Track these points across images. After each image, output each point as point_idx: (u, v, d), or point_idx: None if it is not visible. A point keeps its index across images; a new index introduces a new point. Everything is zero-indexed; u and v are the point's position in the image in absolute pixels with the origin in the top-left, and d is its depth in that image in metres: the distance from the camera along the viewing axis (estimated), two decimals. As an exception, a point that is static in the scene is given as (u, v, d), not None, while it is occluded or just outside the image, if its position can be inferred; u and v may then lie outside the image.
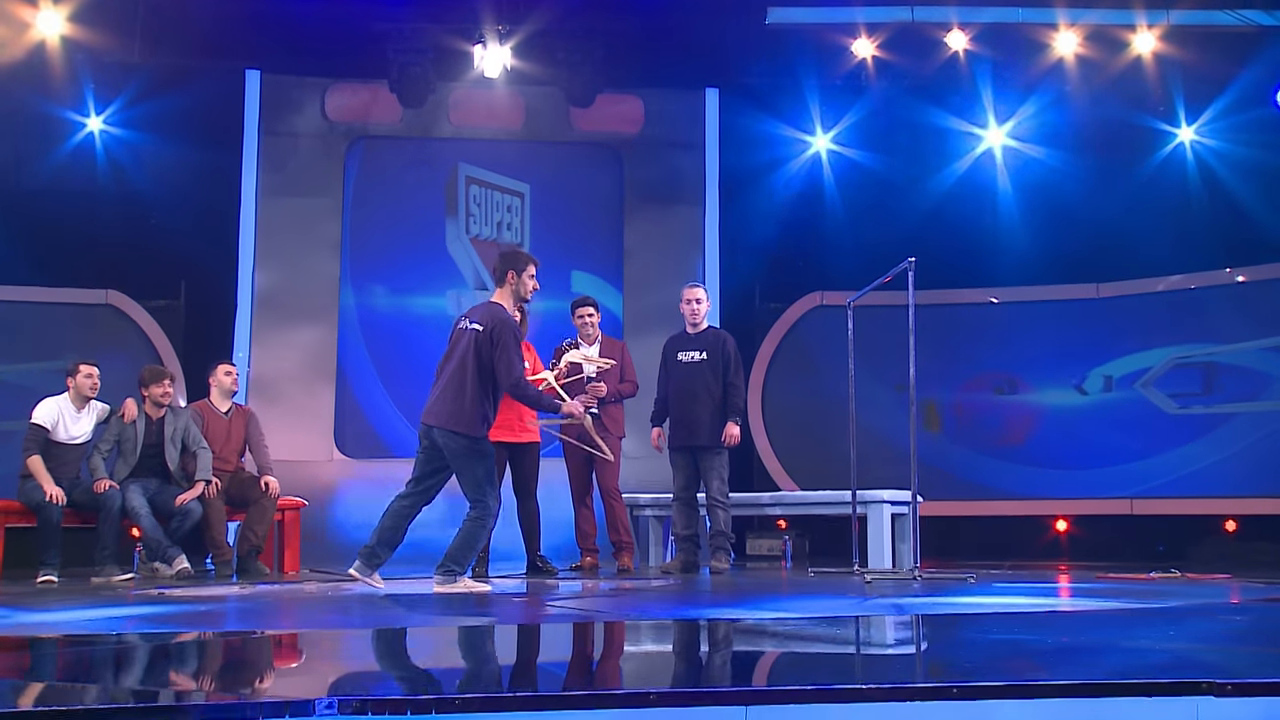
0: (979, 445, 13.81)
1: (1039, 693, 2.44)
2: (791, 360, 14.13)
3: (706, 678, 2.86)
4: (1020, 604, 5.11)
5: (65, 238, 13.12)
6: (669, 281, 14.07)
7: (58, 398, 8.83)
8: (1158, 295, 13.40)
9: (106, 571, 8.47)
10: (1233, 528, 12.78)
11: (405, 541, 12.81)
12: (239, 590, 7.47)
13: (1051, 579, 7.75)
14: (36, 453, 8.58)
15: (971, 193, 13.67)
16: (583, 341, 9.16)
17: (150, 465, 8.89)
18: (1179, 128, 13.11)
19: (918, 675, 2.72)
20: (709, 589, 6.71)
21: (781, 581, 7.33)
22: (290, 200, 13.85)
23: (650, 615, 4.53)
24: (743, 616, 4.38)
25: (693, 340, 8.67)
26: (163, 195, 13.35)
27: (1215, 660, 3.07)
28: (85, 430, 8.81)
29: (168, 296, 13.66)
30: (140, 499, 8.58)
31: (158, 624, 4.53)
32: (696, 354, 8.50)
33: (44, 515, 8.42)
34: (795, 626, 3.88)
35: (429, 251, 14.18)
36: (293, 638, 3.95)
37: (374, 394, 13.90)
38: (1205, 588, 6.59)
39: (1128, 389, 13.44)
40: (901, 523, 9.13)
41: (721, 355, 8.47)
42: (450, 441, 7.25)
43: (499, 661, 3.31)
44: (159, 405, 8.97)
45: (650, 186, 14.38)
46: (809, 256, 14.08)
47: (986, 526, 13.31)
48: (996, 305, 13.83)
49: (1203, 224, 13.03)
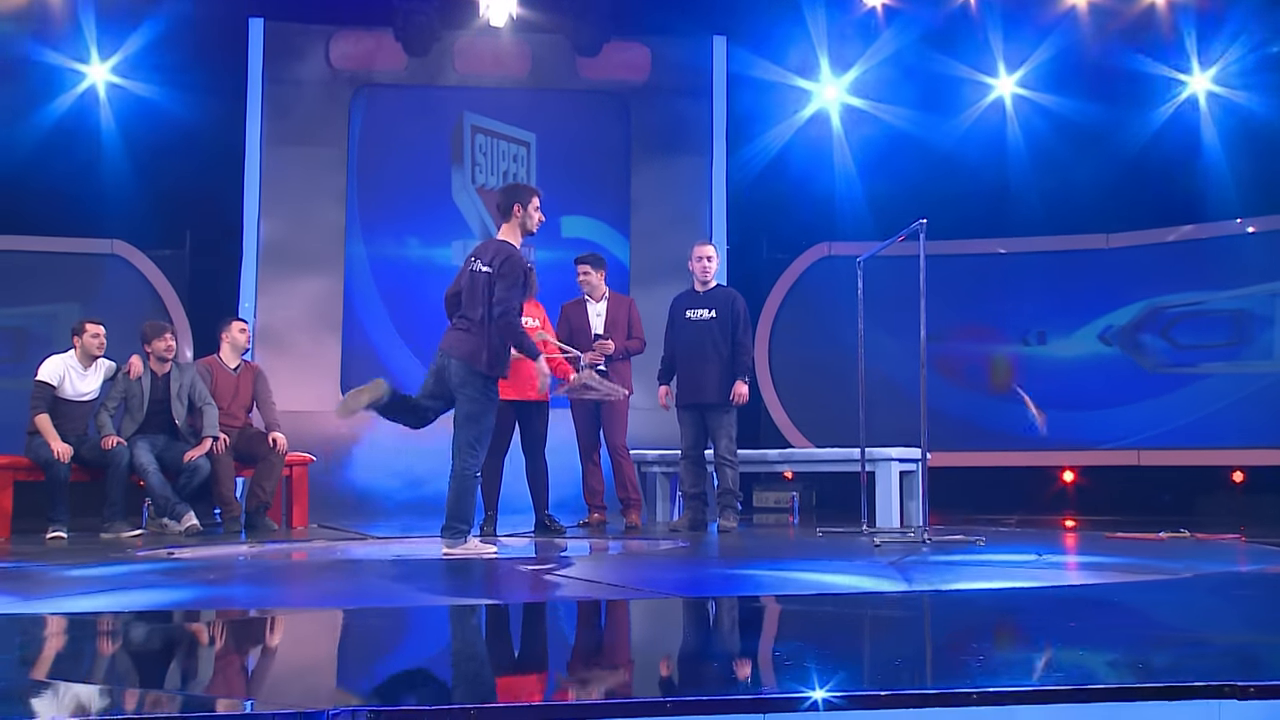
0: (984, 394, 13.77)
1: (1055, 698, 2.42)
2: (799, 311, 14.09)
3: (720, 680, 2.84)
4: (1028, 576, 5.08)
5: (70, 187, 13.04)
6: (676, 232, 14.02)
7: (64, 355, 8.81)
8: (1168, 245, 13.32)
9: (115, 528, 8.47)
10: (1240, 479, 12.77)
11: (418, 495, 12.97)
12: (247, 550, 7.48)
13: (1059, 540, 7.73)
14: (44, 410, 8.57)
15: (981, 142, 13.55)
16: (589, 297, 9.12)
17: (157, 421, 8.87)
18: (1191, 75, 12.95)
19: (929, 679, 2.69)
20: (716, 553, 6.69)
21: (789, 543, 7.30)
22: (295, 149, 13.76)
23: (658, 589, 4.50)
24: (751, 594, 4.35)
25: (701, 298, 8.61)
26: (167, 144, 13.27)
27: (1233, 654, 3.05)
28: (92, 387, 8.80)
29: (173, 246, 13.63)
30: (148, 455, 8.58)
31: (163, 592, 4.51)
32: (705, 312, 8.44)
33: (52, 472, 8.42)
34: (804, 606, 3.86)
35: (435, 201, 14.11)
36: (294, 623, 3.92)
37: (381, 344, 13.87)
38: (1214, 551, 6.57)
39: (1137, 339, 13.39)
40: (910, 480, 9.12)
41: (730, 313, 8.41)
42: (467, 377, 7.12)
43: (501, 658, 3.28)
44: (163, 360, 8.94)
45: (657, 136, 14.27)
46: (816, 207, 13.99)
47: (994, 478, 13.29)
48: (1004, 255, 13.75)
49: (1214, 173, 12.92)
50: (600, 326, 8.94)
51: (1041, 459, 13.49)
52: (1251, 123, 12.71)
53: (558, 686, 2.87)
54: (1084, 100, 13.14)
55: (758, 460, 9.98)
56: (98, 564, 5.63)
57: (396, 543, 7.95)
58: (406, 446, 13.34)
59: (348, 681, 2.95)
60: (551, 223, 14.14)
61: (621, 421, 8.92)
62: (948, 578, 4.84)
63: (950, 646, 3.13)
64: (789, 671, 2.88)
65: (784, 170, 14.02)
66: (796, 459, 9.59)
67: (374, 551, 7.34)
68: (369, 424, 13.48)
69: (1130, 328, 13.43)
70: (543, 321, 8.85)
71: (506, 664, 3.19)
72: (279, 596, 4.55)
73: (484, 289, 7.17)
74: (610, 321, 9.01)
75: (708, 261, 8.72)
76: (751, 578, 5.09)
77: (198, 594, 4.58)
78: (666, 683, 2.94)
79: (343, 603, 4.34)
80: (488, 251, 7.37)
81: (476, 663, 3.26)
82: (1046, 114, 13.37)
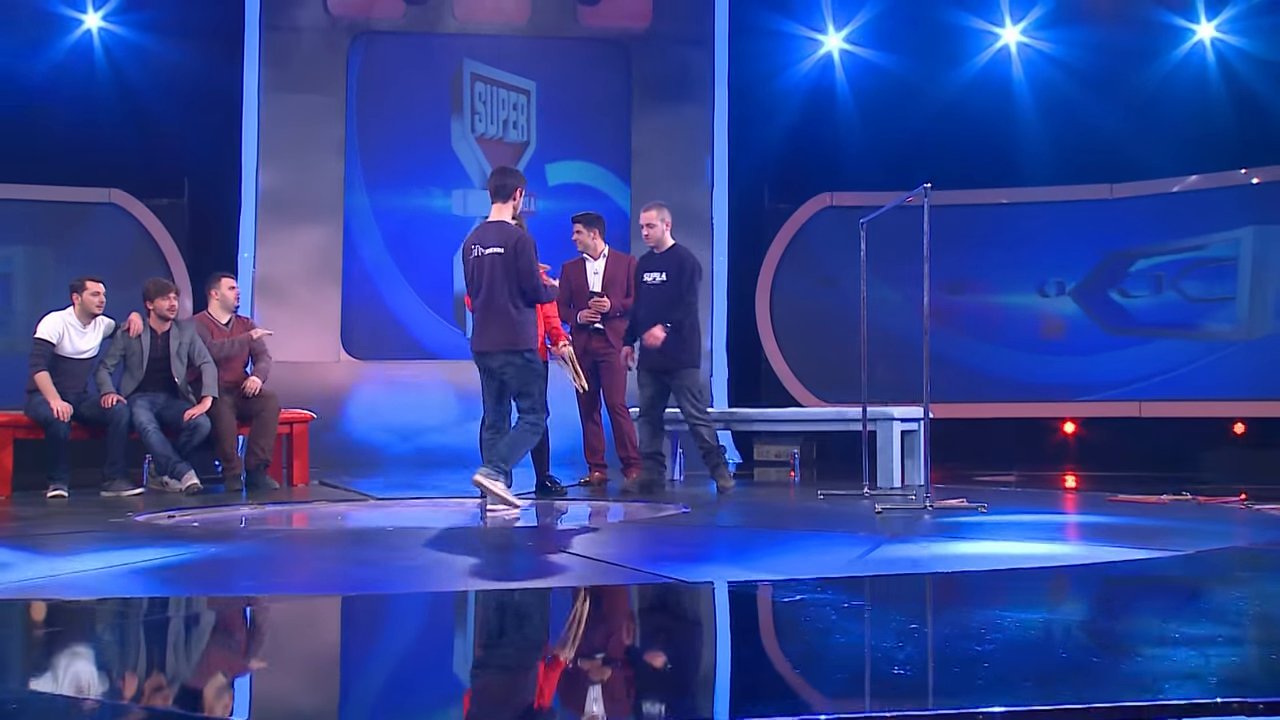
0: (988, 345, 13.72)
1: (1055, 718, 2.38)
2: (800, 262, 14.00)
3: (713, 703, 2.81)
4: (1029, 548, 5.06)
5: (66, 136, 12.94)
6: (678, 181, 13.95)
7: (62, 313, 8.76)
8: (1172, 196, 13.22)
9: (115, 486, 8.46)
10: (1242, 430, 12.76)
11: (414, 448, 12.96)
12: (249, 511, 7.48)
13: (1060, 503, 7.71)
14: (44, 368, 8.53)
15: (986, 92, 13.40)
16: (587, 255, 9.05)
17: (157, 379, 8.83)
18: (1198, 24, 12.80)
19: (930, 700, 2.67)
20: (714, 520, 6.67)
21: (789, 510, 7.28)
22: (293, 97, 13.63)
23: (663, 570, 4.48)
24: (748, 577, 4.33)
25: (656, 260, 8.50)
26: (164, 92, 13.16)
27: (1241, 663, 3.01)
28: (92, 345, 8.75)
29: (171, 195, 13.54)
30: (147, 414, 8.54)
31: (158, 573, 4.49)
32: (659, 275, 8.34)
33: (52, 430, 8.40)
34: (806, 597, 3.83)
35: (434, 150, 14.00)
36: (294, 616, 3.89)
37: (381, 295, 13.82)
38: (1215, 517, 6.55)
39: (1141, 289, 13.33)
40: (911, 438, 9.10)
41: (678, 273, 8.29)
42: (510, 361, 7.27)
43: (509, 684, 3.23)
44: (164, 319, 8.89)
45: (658, 84, 14.13)
46: (819, 156, 13.86)
47: (995, 429, 13.27)
48: (1007, 206, 13.65)
49: (1221, 123, 12.79)
50: (598, 285, 8.88)
51: (1043, 410, 13.47)
52: (1257, 70, 12.57)
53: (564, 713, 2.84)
54: (1090, 49, 12.99)
55: (758, 418, 9.95)
56: (92, 547, 5.50)
57: (396, 505, 7.92)
58: (405, 401, 13.37)
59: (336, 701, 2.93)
60: (552, 169, 14.15)
61: (620, 381, 8.89)
62: (949, 558, 4.82)
63: (947, 654, 3.11)
64: (758, 690, 2.86)
65: (786, 119, 13.87)
66: (797, 418, 9.55)
67: (374, 518, 7.32)
68: (369, 377, 13.48)
69: (1134, 279, 13.37)
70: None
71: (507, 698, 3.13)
72: (274, 578, 4.51)
73: (502, 271, 7.28)
74: (608, 280, 8.95)
75: (648, 229, 8.56)
76: (747, 560, 5.07)
77: (191, 577, 4.55)
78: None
79: (343, 588, 4.31)
80: (490, 235, 7.46)
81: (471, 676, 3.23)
82: (1053, 62, 13.23)
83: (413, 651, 3.35)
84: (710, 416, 8.53)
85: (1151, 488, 8.18)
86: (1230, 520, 6.38)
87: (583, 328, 8.84)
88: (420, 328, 13.72)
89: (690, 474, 10.19)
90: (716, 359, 14.00)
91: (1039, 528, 5.83)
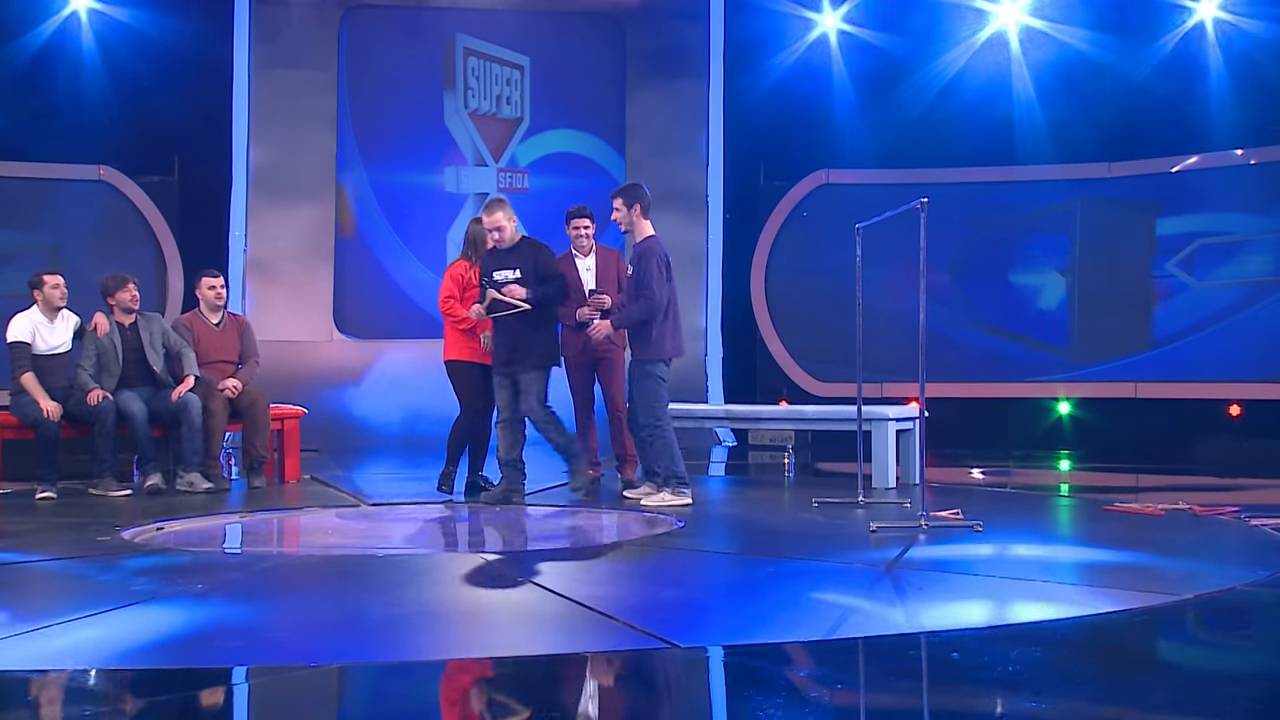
0: (985, 325, 13.68)
1: None
2: (796, 240, 13.92)
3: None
4: (1022, 590, 5.03)
5: (54, 114, 12.87)
6: (673, 158, 13.87)
7: (27, 312, 8.60)
8: (1168, 176, 13.14)
9: (104, 485, 8.38)
10: (1237, 412, 12.74)
11: (413, 430, 12.87)
12: (237, 523, 7.39)
13: (1054, 519, 7.65)
14: (27, 369, 8.41)
15: (983, 72, 13.30)
16: (577, 253, 8.88)
17: (136, 373, 8.67)
18: (1199, 2, 12.67)
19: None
20: (707, 540, 6.63)
21: (784, 525, 7.21)
22: (283, 72, 13.50)
23: (652, 622, 4.44)
24: (742, 640, 4.29)
25: (506, 258, 8.21)
26: (153, 68, 13.05)
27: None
28: (63, 339, 8.61)
29: (161, 172, 13.44)
30: (137, 403, 8.45)
31: (129, 641, 4.43)
32: (510, 272, 8.09)
33: (41, 431, 8.31)
34: (805, 673, 3.80)
35: (427, 126, 13.88)
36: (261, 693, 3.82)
37: (374, 274, 13.74)
38: (1214, 537, 6.52)
39: (1144, 271, 13.30)
40: (906, 437, 9.04)
41: (532, 268, 8.05)
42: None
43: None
44: (129, 311, 8.74)
45: (653, 59, 14.00)
46: (815, 134, 13.76)
47: (990, 409, 13.28)
48: (1003, 184, 13.57)
49: (1219, 103, 12.70)
50: (591, 282, 8.74)
51: (1038, 390, 13.45)
52: (1258, 51, 12.46)
53: None
54: (1090, 29, 12.87)
55: (750, 416, 9.88)
56: (64, 591, 5.38)
57: (390, 512, 7.87)
58: (399, 381, 13.31)
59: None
60: (544, 138, 14.05)
61: (620, 380, 8.78)
62: (941, 602, 4.79)
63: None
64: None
65: (782, 97, 13.76)
66: (792, 416, 9.49)
67: (363, 532, 7.26)
68: (362, 356, 13.43)
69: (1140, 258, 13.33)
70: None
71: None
72: (251, 644, 4.42)
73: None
74: (600, 276, 8.80)
75: (497, 231, 8.25)
76: (746, 599, 5.03)
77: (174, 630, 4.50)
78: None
79: (341, 655, 4.26)
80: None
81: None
82: (1051, 43, 13.11)
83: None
84: (551, 416, 8.08)
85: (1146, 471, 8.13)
86: (1227, 541, 6.34)
87: (580, 326, 8.71)
88: (414, 306, 13.62)
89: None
90: (711, 338, 13.97)
91: (1031, 565, 5.76)
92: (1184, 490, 8.40)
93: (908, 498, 7.95)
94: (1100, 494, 8.56)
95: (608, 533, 7.25)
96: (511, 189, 13.80)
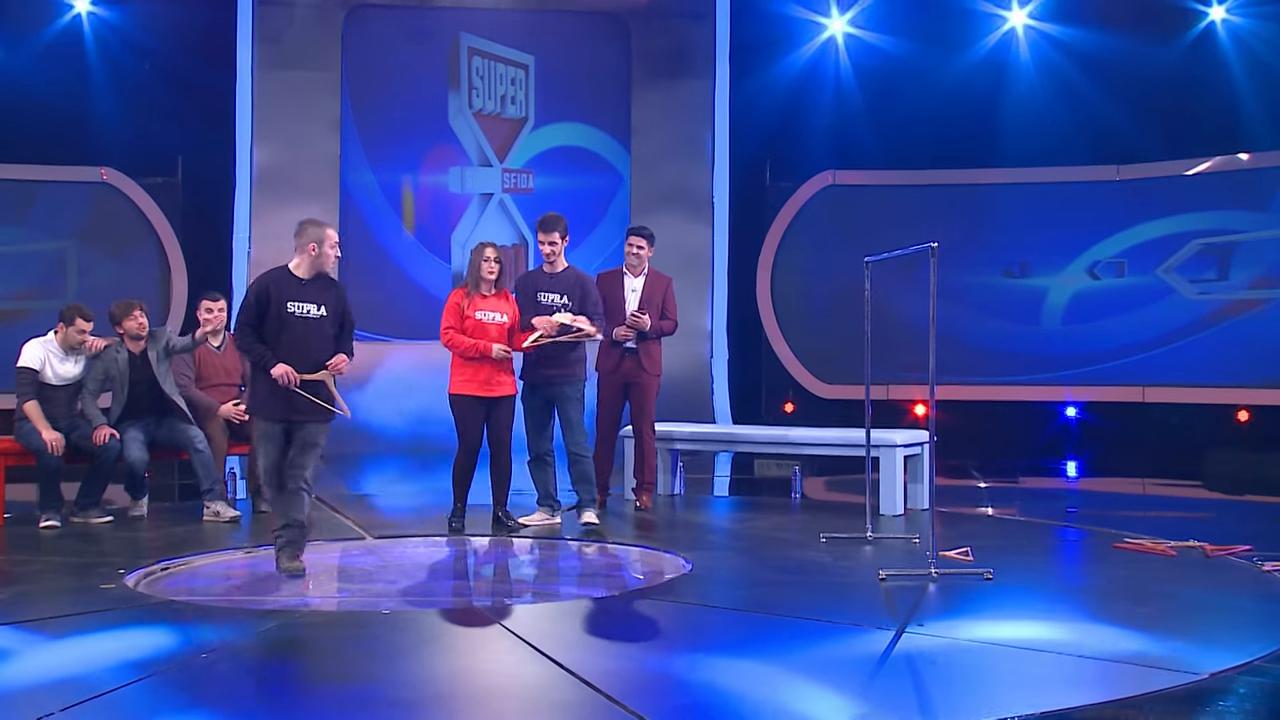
0: (991, 328, 13.60)
1: None
2: (802, 241, 13.84)
3: None
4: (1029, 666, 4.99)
5: (57, 116, 12.79)
6: (678, 158, 13.80)
7: (43, 339, 8.50)
8: (1176, 179, 13.06)
9: (86, 514, 8.33)
10: (1245, 417, 12.70)
11: (421, 433, 12.77)
12: (239, 565, 7.33)
13: (1066, 571, 7.56)
14: (31, 397, 8.33)
15: (992, 74, 13.19)
16: (628, 271, 8.79)
17: (145, 403, 8.59)
18: (1210, 6, 12.56)
19: None
20: (711, 591, 6.58)
21: (790, 571, 7.15)
22: (287, 74, 13.41)
23: (644, 703, 4.40)
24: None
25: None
26: (155, 70, 12.97)
27: None
28: (74, 371, 8.52)
29: (164, 174, 13.38)
30: (140, 451, 8.38)
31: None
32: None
33: (43, 461, 8.25)
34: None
35: (431, 127, 13.80)
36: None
37: (376, 275, 13.66)
38: (1227, 586, 6.47)
39: (1145, 274, 13.20)
40: (914, 462, 8.99)
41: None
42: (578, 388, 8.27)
43: None
44: (136, 338, 8.63)
45: (659, 59, 13.90)
46: (821, 135, 13.66)
47: (996, 411, 13.23)
48: (1011, 186, 13.48)
49: (1229, 107, 12.62)
50: (635, 302, 8.65)
51: (1045, 394, 13.39)
52: (1269, 53, 12.37)
53: None
54: (1098, 32, 12.76)
55: (754, 439, 9.82)
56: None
57: (394, 549, 7.82)
58: (403, 383, 13.27)
59: None
60: (549, 131, 13.95)
61: (650, 405, 8.73)
62: (955, 688, 4.75)
63: None
64: None
65: (788, 98, 13.66)
66: (797, 441, 9.42)
67: (367, 578, 7.23)
68: (366, 358, 13.37)
69: (1139, 263, 13.25)
70: (514, 315, 8.35)
71: None
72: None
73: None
74: (645, 299, 8.70)
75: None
76: (747, 670, 4.99)
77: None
78: None
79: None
80: (563, 282, 8.09)
81: None
82: (1059, 46, 13.01)
83: None
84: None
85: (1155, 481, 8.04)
86: (1241, 598, 6.26)
87: (615, 345, 8.63)
88: (418, 308, 13.54)
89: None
90: (717, 340, 13.91)
91: (1043, 629, 5.67)
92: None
93: (916, 531, 7.89)
94: (1109, 527, 8.47)
95: (615, 579, 7.22)
96: (516, 189, 13.73)
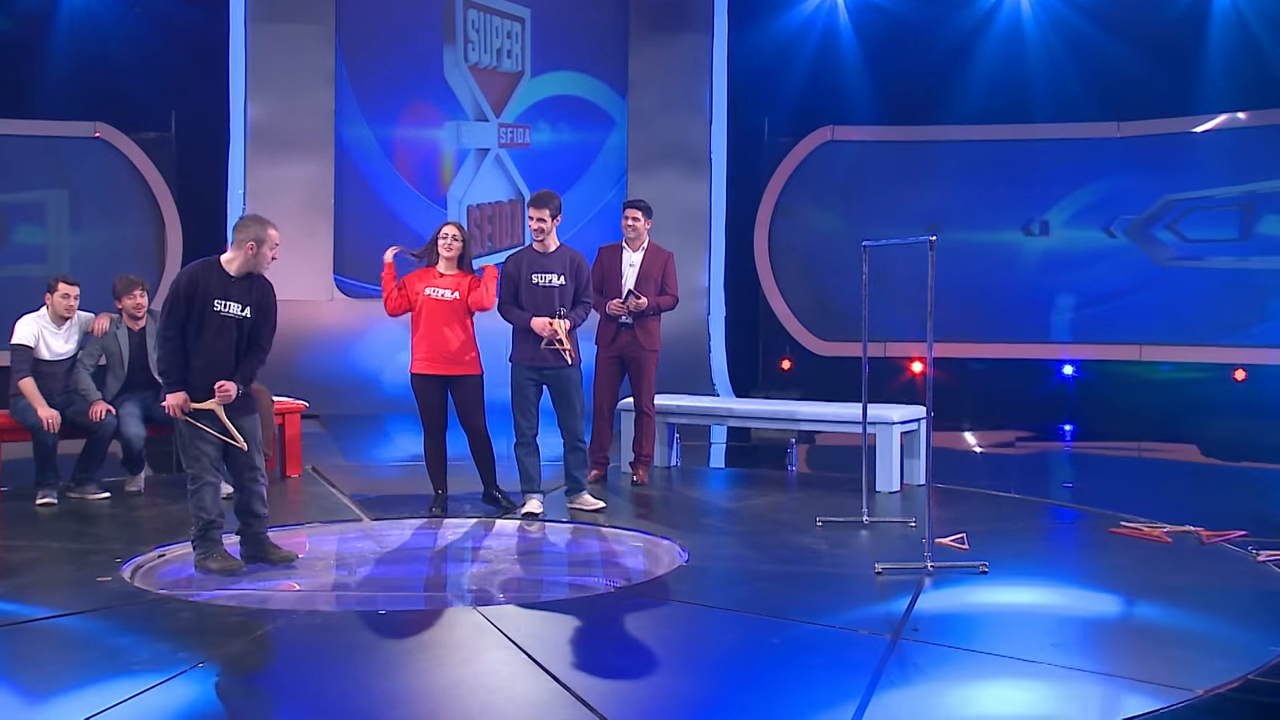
0: (988, 287, 13.56)
1: None
2: (800, 197, 13.76)
3: None
4: (1020, 672, 5.01)
5: (49, 70, 12.70)
6: (676, 113, 13.68)
7: (36, 315, 8.46)
8: (1175, 136, 12.98)
9: (83, 490, 8.35)
10: (1242, 376, 12.71)
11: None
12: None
13: (1062, 559, 7.55)
14: (27, 374, 8.30)
15: (993, 32, 13.07)
16: (627, 246, 8.70)
17: (141, 379, 8.60)
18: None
19: None
20: (709, 586, 6.60)
21: (787, 565, 7.14)
22: (280, 26, 13.25)
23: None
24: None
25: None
26: (147, 24, 12.86)
27: None
28: (68, 347, 8.49)
29: (158, 129, 13.27)
30: (137, 427, 8.39)
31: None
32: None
33: (39, 437, 8.24)
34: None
35: (426, 81, 13.66)
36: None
37: (374, 233, 13.57)
38: (1224, 581, 6.47)
39: (1145, 230, 13.16)
40: (911, 438, 8.98)
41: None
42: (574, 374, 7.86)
43: None
44: (135, 317, 8.61)
45: (657, 12, 13.73)
46: (820, 90, 13.54)
47: (993, 370, 13.23)
48: (1022, 142, 13.37)
49: (1227, 65, 12.53)
50: (633, 277, 8.55)
51: (1042, 351, 13.39)
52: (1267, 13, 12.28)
53: None
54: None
55: (752, 414, 9.79)
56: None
57: (392, 529, 7.82)
58: (400, 341, 13.22)
59: None
60: (545, 81, 13.83)
61: (649, 380, 8.69)
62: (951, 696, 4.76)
63: None
64: None
65: (787, 52, 13.54)
66: (795, 416, 9.40)
67: (366, 559, 7.25)
68: (360, 312, 13.35)
69: (1141, 220, 13.19)
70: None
71: None
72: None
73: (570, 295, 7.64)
74: (643, 274, 8.61)
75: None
76: (743, 688, 5.01)
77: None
78: None
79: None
80: (559, 262, 7.65)
81: None
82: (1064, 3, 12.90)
83: None
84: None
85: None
86: (1238, 592, 6.27)
87: (611, 319, 8.56)
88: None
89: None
90: (714, 296, 13.87)
91: (1040, 631, 5.69)
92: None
93: (912, 513, 7.88)
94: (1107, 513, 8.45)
95: (610, 570, 7.22)
96: (513, 144, 13.63)
